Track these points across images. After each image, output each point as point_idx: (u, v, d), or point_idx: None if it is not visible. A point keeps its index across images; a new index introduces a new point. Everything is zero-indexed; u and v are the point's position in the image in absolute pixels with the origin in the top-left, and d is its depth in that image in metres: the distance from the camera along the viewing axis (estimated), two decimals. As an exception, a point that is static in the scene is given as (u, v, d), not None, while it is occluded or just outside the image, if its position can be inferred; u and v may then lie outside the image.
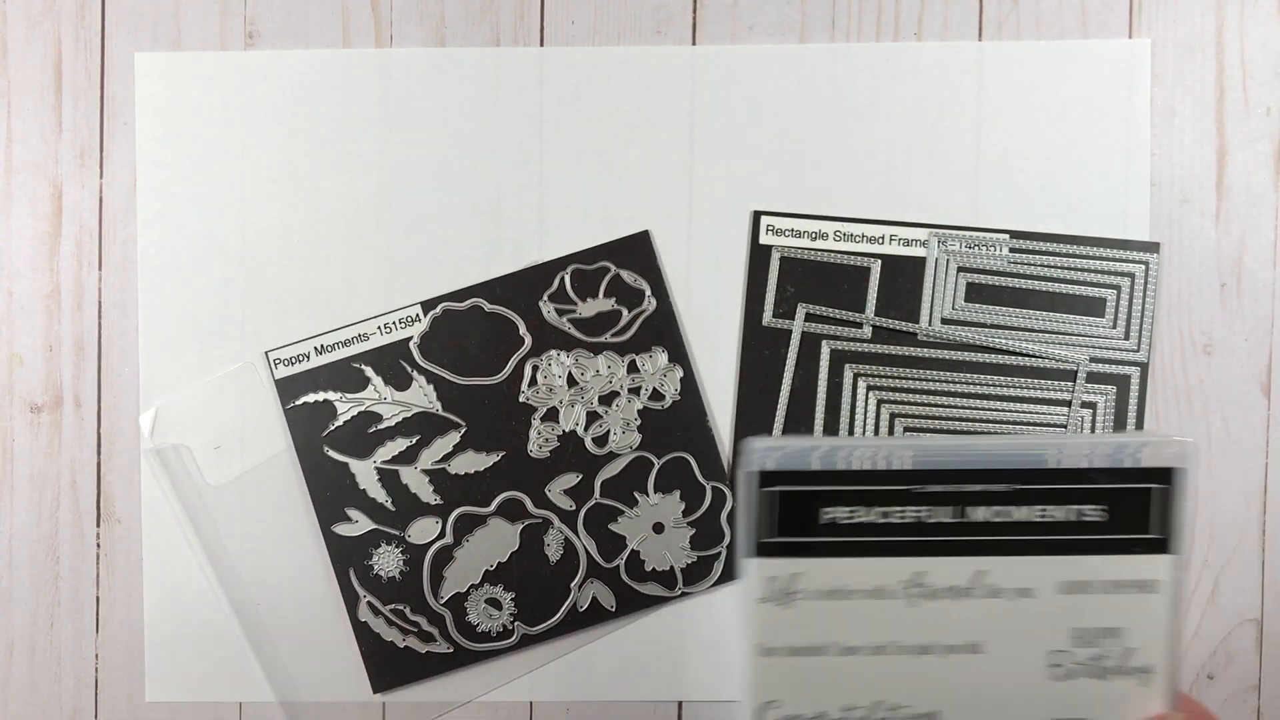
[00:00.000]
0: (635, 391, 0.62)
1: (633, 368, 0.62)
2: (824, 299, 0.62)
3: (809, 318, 0.62)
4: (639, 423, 0.62)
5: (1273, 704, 0.62)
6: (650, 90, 0.63)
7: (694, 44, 0.63)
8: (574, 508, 0.62)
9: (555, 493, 0.62)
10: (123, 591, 0.63)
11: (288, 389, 0.62)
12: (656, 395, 0.62)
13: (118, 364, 0.63)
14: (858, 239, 0.62)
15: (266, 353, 0.62)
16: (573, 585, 0.62)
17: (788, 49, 0.62)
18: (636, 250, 0.62)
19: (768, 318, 0.62)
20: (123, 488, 0.63)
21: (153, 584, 0.63)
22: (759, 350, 0.62)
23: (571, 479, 0.62)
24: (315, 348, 0.62)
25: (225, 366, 0.63)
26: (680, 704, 0.62)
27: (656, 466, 0.62)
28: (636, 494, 0.62)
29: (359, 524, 0.62)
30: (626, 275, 0.62)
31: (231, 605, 0.62)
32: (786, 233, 0.62)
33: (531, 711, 0.62)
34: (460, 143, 0.63)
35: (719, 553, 0.62)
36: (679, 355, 0.62)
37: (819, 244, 0.62)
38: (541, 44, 0.63)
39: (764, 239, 0.62)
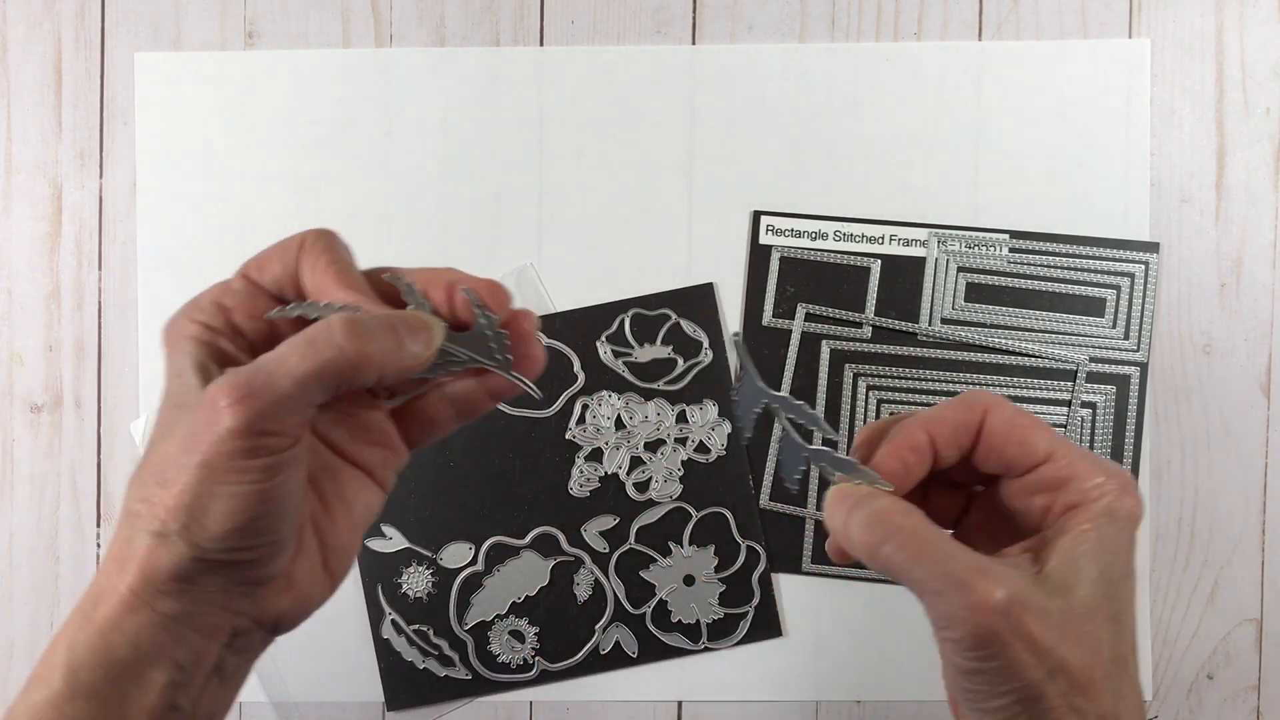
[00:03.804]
0: (681, 441, 0.62)
1: (682, 418, 0.62)
2: (824, 299, 0.62)
3: (809, 318, 0.62)
4: (681, 473, 0.62)
5: (1273, 704, 0.62)
6: (650, 90, 0.63)
7: (694, 44, 0.63)
8: (607, 550, 0.62)
9: (591, 533, 0.62)
10: (123, 591, 0.63)
11: None
12: (702, 448, 0.62)
13: (118, 364, 0.63)
14: (858, 239, 0.62)
15: None
16: (597, 627, 0.62)
17: (788, 49, 0.63)
18: (699, 301, 0.62)
19: (767, 318, 0.62)
20: (123, 488, 0.63)
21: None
22: (759, 350, 0.62)
23: (608, 521, 0.62)
24: None
25: (225, 366, 0.63)
26: (680, 704, 0.62)
27: (695, 519, 0.62)
28: (671, 544, 0.62)
29: (393, 540, 0.62)
30: (686, 325, 0.62)
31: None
32: (786, 233, 0.62)
33: (531, 712, 0.62)
34: (460, 143, 0.63)
35: (747, 612, 0.62)
36: (729, 410, 0.62)
37: (819, 244, 0.62)
38: (541, 44, 0.63)
39: (764, 239, 0.62)
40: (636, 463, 0.62)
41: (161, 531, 0.29)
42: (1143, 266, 0.61)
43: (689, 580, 0.62)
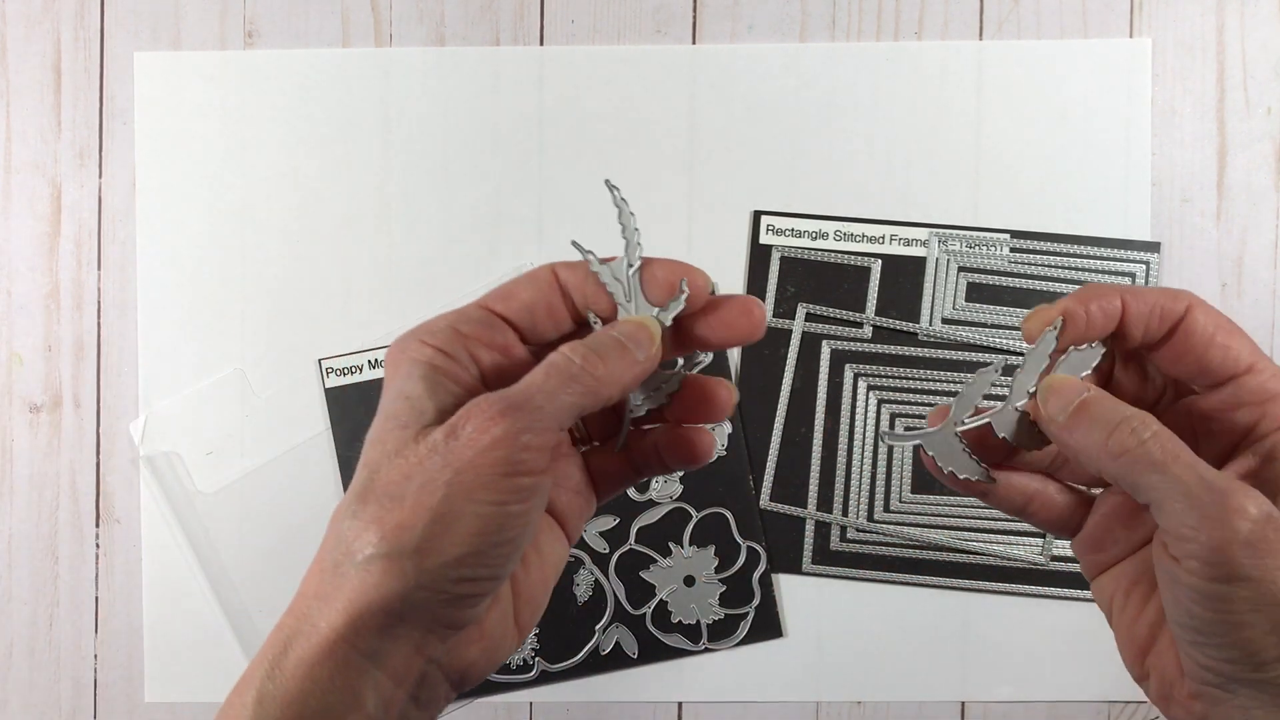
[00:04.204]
0: None
1: None
2: (824, 299, 0.62)
3: (809, 317, 0.62)
4: (682, 473, 0.62)
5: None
6: (650, 90, 0.63)
7: (694, 43, 0.63)
8: (607, 550, 0.62)
9: (591, 533, 0.62)
10: (122, 592, 0.63)
11: (336, 399, 0.62)
12: None
13: (117, 364, 0.63)
14: (858, 239, 0.62)
15: (320, 360, 0.62)
16: (597, 628, 0.61)
17: (788, 48, 0.62)
18: None
19: (768, 318, 0.62)
20: (122, 488, 0.63)
21: (152, 584, 0.63)
22: (759, 350, 0.62)
23: (609, 521, 0.62)
24: (369, 361, 0.62)
25: (224, 367, 0.62)
26: (680, 705, 0.62)
27: (695, 519, 0.62)
28: (671, 544, 0.62)
29: None
30: None
31: (225, 612, 0.62)
32: (787, 232, 0.62)
33: (531, 712, 0.62)
34: (460, 143, 0.63)
35: (747, 613, 0.62)
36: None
37: (819, 244, 0.62)
38: (541, 43, 0.63)
39: (764, 239, 0.62)
40: (637, 463, 0.62)
41: (388, 553, 0.28)
42: (1144, 266, 0.61)
43: (689, 581, 0.62)
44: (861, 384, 0.62)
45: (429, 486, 0.28)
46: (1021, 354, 0.61)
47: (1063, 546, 0.60)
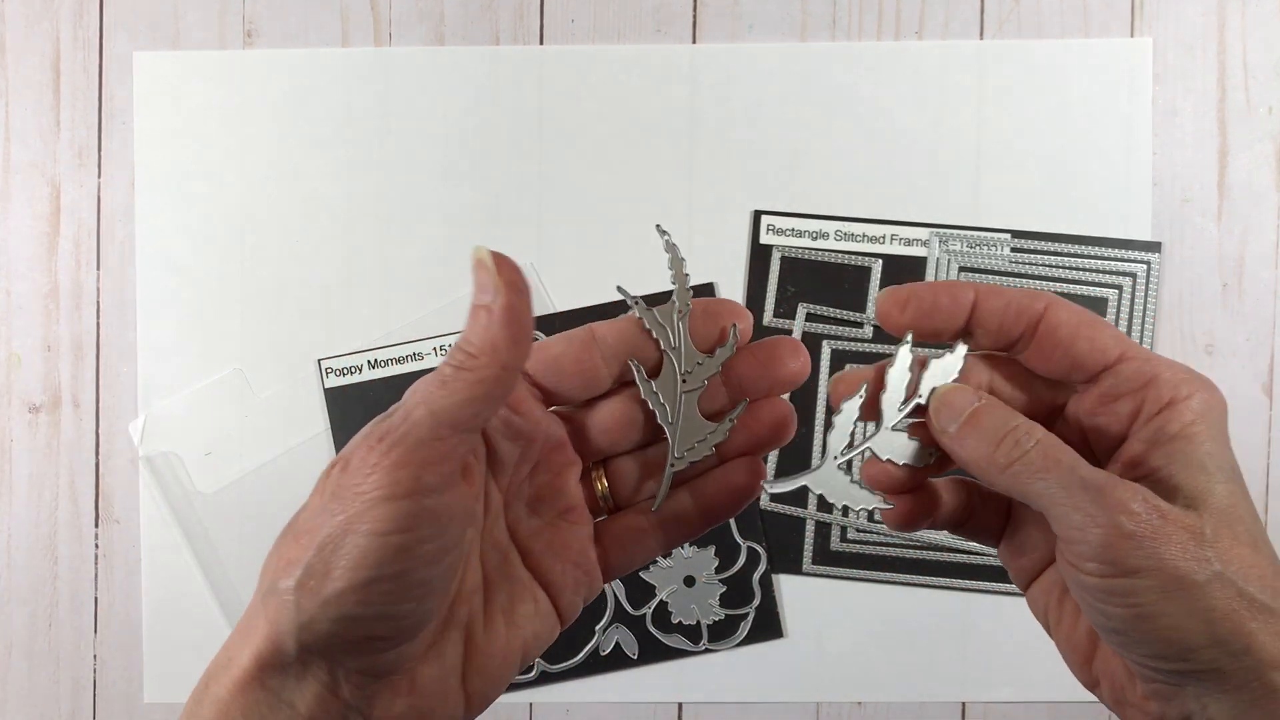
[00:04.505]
0: None
1: None
2: (825, 299, 0.62)
3: (810, 317, 0.62)
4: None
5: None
6: (650, 89, 0.63)
7: (694, 43, 0.63)
8: None
9: None
10: (121, 592, 0.63)
11: (336, 399, 0.62)
12: None
13: (116, 364, 0.63)
14: (859, 238, 0.62)
15: (319, 360, 0.62)
16: (597, 628, 0.61)
17: (788, 48, 0.62)
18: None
19: (768, 317, 0.62)
20: (121, 488, 0.63)
21: (151, 585, 0.62)
22: (759, 350, 0.62)
23: None
24: (369, 361, 0.62)
25: (224, 367, 0.62)
26: (680, 705, 0.62)
27: None
28: None
29: None
30: None
31: (224, 613, 0.62)
32: (787, 232, 0.62)
33: (531, 713, 0.62)
34: (460, 142, 0.63)
35: (747, 613, 0.61)
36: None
37: (820, 244, 0.62)
38: (541, 42, 0.63)
39: (764, 239, 0.62)
40: (637, 463, 0.62)
41: (282, 589, 0.27)
42: (1144, 266, 0.61)
43: (689, 581, 0.62)
44: (862, 384, 0.62)
45: (319, 519, 0.27)
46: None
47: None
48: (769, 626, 0.61)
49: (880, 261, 0.62)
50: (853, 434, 0.33)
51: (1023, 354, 0.32)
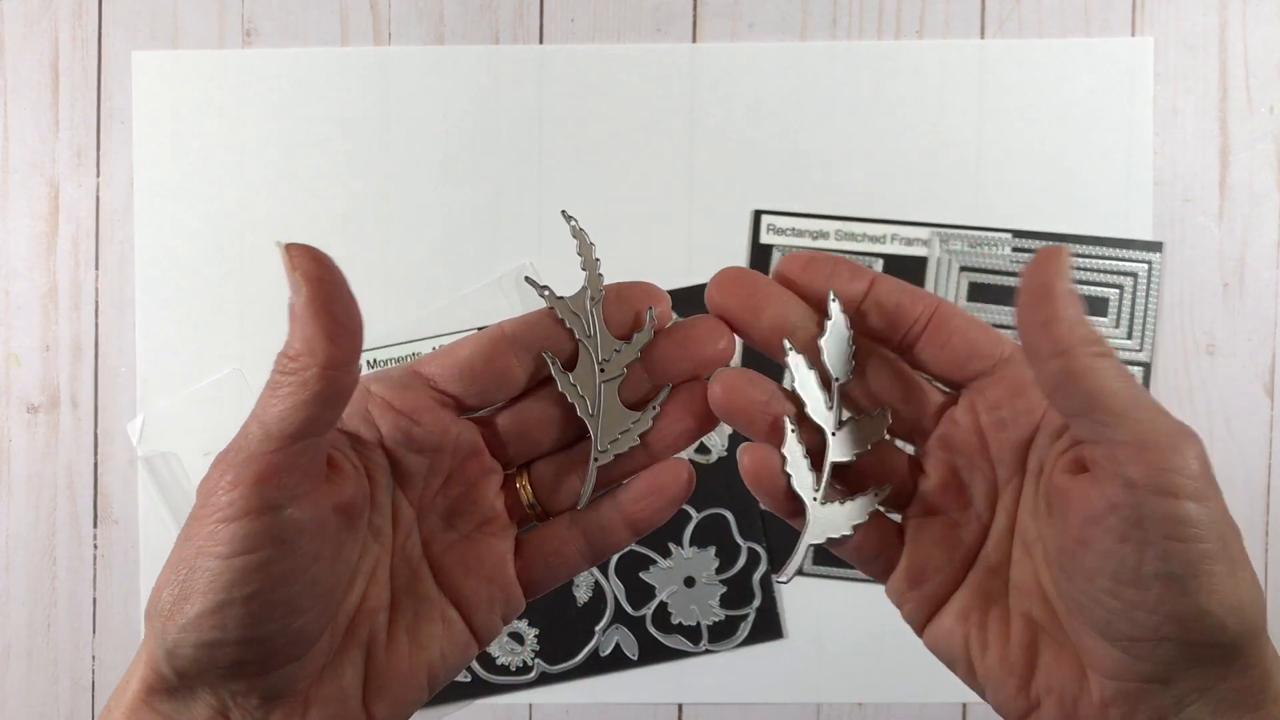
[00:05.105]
0: None
1: None
2: (825, 299, 0.62)
3: (810, 317, 0.62)
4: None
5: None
6: (650, 89, 0.62)
7: (694, 42, 0.63)
8: None
9: None
10: (120, 593, 0.63)
11: None
12: (703, 448, 0.62)
13: (115, 364, 0.63)
14: (859, 238, 0.62)
15: None
16: (597, 629, 0.61)
17: (788, 47, 0.62)
18: (700, 301, 0.61)
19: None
20: (120, 488, 0.63)
21: (151, 585, 0.62)
22: (759, 350, 0.62)
23: None
24: (368, 361, 0.62)
25: (223, 367, 0.62)
26: (680, 706, 0.62)
27: (695, 520, 0.62)
28: (672, 545, 0.61)
29: None
30: None
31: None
32: (787, 232, 0.62)
33: (531, 714, 0.62)
34: (460, 142, 0.63)
35: (748, 614, 0.61)
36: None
37: (820, 243, 0.62)
38: (541, 42, 0.63)
39: (765, 238, 0.62)
40: (637, 463, 0.62)
41: (150, 614, 0.27)
42: (1145, 266, 0.61)
43: (689, 582, 0.61)
44: (862, 384, 0.62)
45: (180, 547, 0.27)
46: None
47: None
48: (769, 627, 0.61)
49: (881, 261, 0.61)
50: (810, 465, 0.31)
51: (916, 346, 0.31)
